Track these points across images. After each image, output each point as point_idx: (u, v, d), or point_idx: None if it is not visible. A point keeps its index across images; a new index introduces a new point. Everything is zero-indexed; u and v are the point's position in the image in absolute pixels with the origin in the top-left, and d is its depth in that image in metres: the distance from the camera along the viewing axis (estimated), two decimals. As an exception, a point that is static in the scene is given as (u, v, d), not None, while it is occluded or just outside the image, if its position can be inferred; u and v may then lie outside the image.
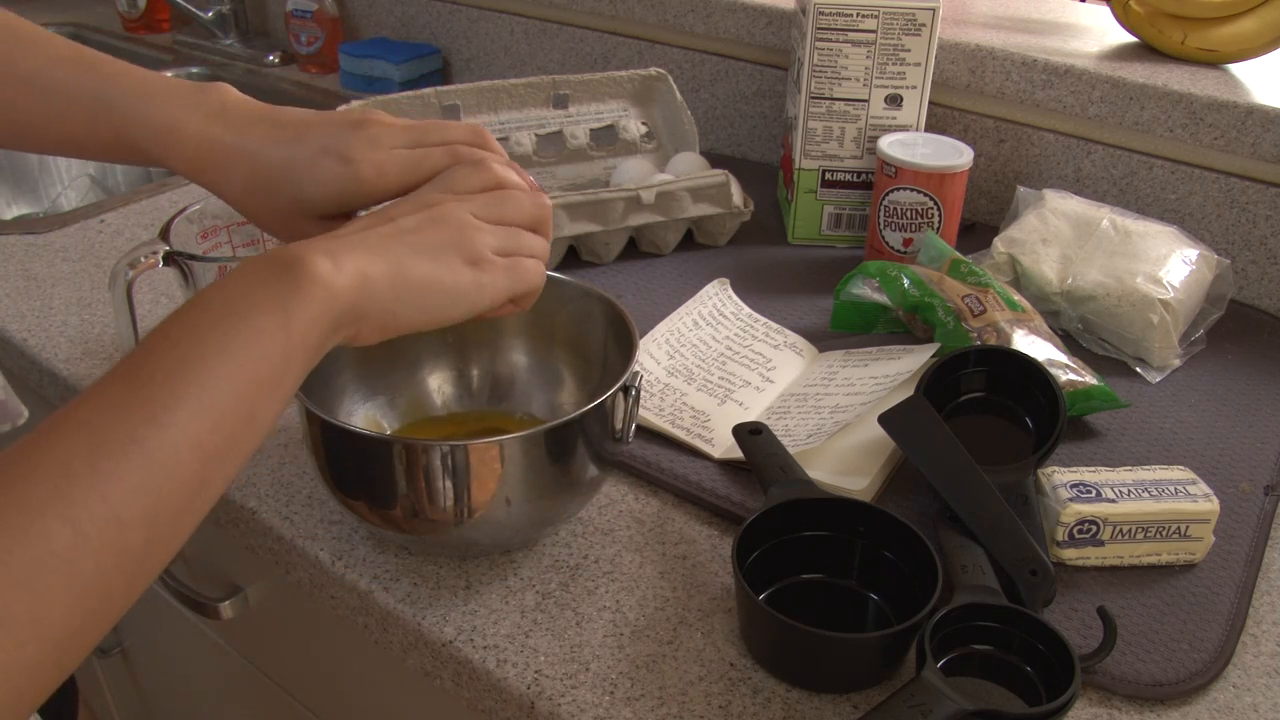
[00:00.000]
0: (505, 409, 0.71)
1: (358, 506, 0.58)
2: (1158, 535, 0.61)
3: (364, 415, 0.68)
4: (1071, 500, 0.60)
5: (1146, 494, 0.61)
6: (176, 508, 0.39)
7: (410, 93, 0.96)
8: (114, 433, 0.37)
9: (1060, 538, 0.60)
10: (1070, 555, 0.61)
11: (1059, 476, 0.63)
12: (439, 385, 0.72)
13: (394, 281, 0.48)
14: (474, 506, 0.56)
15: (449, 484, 0.55)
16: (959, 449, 0.62)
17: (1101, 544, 0.61)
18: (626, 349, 0.62)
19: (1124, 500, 0.60)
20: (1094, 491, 0.61)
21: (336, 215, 0.56)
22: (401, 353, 0.70)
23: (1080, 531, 0.60)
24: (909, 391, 0.67)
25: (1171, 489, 0.61)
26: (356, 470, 0.57)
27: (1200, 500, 0.61)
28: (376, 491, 0.57)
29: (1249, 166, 0.89)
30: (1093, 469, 0.63)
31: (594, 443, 0.59)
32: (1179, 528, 0.60)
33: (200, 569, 0.85)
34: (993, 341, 0.73)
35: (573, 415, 0.56)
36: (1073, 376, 0.72)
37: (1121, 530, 0.60)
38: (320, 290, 0.44)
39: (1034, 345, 0.73)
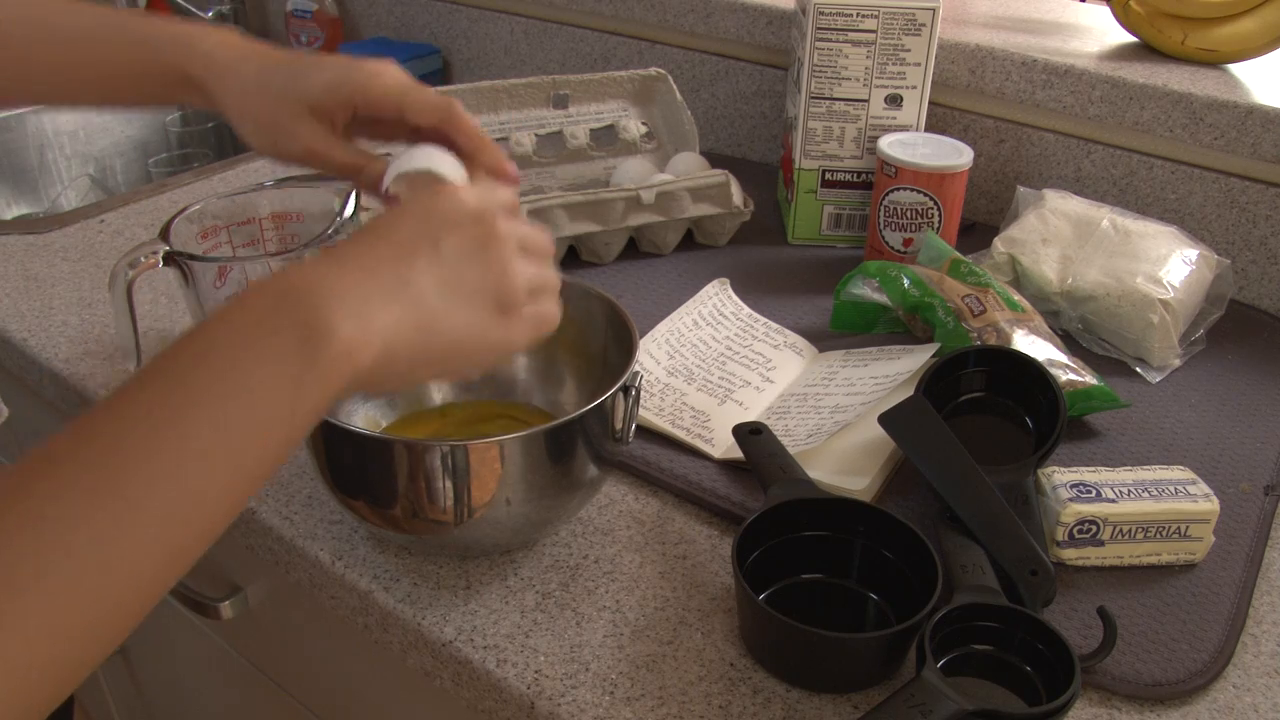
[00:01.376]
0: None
1: (358, 506, 0.58)
2: (1158, 535, 0.61)
3: (364, 415, 0.68)
4: (1071, 500, 0.60)
5: (1146, 494, 0.61)
6: (126, 610, 0.36)
7: (410, 93, 0.96)
8: (68, 535, 0.34)
9: (1060, 538, 0.60)
10: (1070, 555, 0.61)
11: (1059, 476, 0.63)
12: (439, 384, 0.72)
13: (421, 346, 0.45)
14: (474, 506, 0.56)
15: (449, 484, 0.55)
16: (959, 449, 0.62)
17: (1101, 544, 0.61)
18: (626, 349, 0.62)
19: (1124, 500, 0.60)
20: (1094, 491, 0.61)
21: (334, 112, 0.58)
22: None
23: (1080, 531, 0.60)
24: (909, 391, 0.67)
25: (1171, 489, 0.61)
26: (356, 470, 0.57)
27: (1200, 500, 0.61)
28: (376, 491, 0.57)
29: (1249, 166, 0.89)
30: (1093, 469, 0.63)
31: (594, 443, 0.59)
32: (1179, 528, 0.60)
33: (200, 569, 0.85)
34: (993, 341, 0.73)
35: (573, 415, 0.56)
36: (1073, 376, 0.72)
37: (1121, 530, 0.60)
38: (338, 375, 0.41)
39: (1034, 345, 0.73)
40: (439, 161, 0.57)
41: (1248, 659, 0.57)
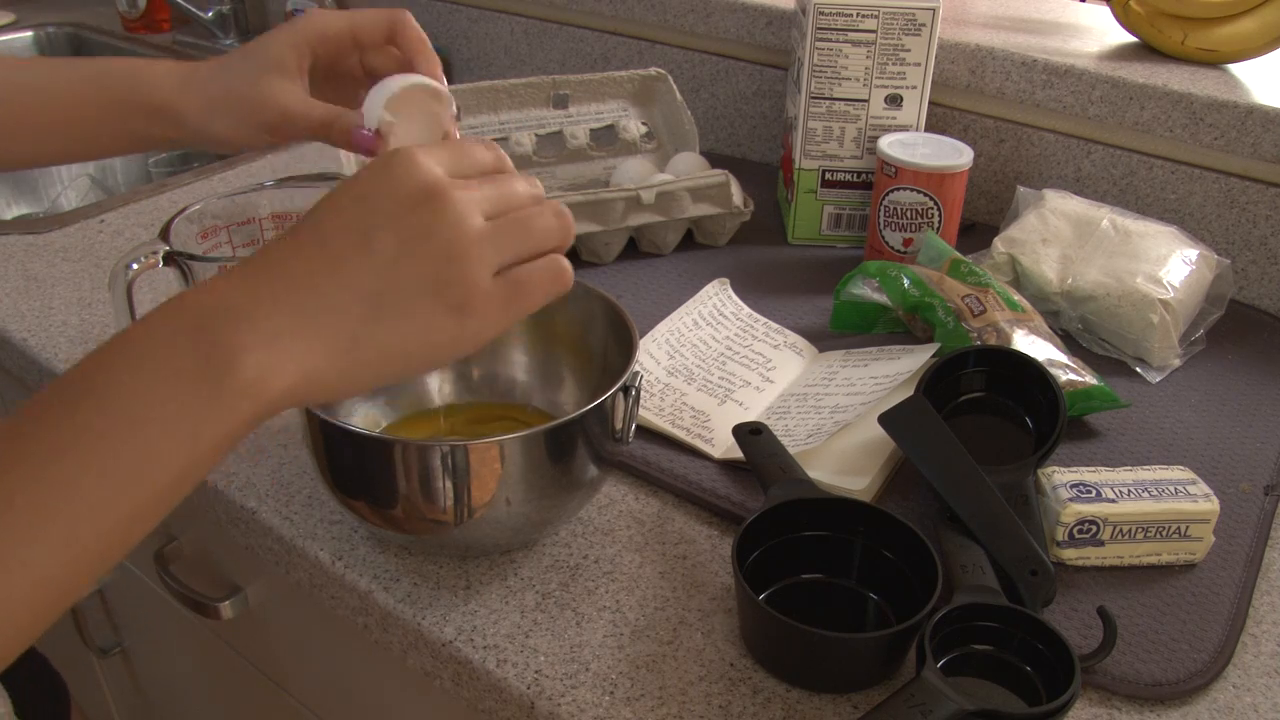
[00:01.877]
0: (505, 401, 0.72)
1: (358, 506, 0.58)
2: (1158, 535, 0.61)
3: (364, 415, 0.68)
4: (1071, 500, 0.60)
5: (1146, 494, 0.61)
6: (10, 636, 0.35)
7: (410, 93, 0.96)
8: None
9: (1060, 538, 0.60)
10: (1070, 555, 0.61)
11: (1059, 476, 0.63)
12: (439, 384, 0.72)
13: (350, 365, 0.40)
14: (474, 506, 0.56)
15: (449, 484, 0.55)
16: (959, 449, 0.62)
17: (1101, 544, 0.61)
18: (626, 349, 0.62)
19: (1124, 500, 0.60)
20: (1094, 491, 0.61)
21: (299, 62, 0.60)
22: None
23: (1080, 531, 0.60)
24: (909, 391, 0.67)
25: (1171, 489, 0.61)
26: (356, 470, 0.57)
27: (1200, 500, 0.61)
28: (376, 491, 0.57)
29: (1249, 166, 0.89)
30: (1093, 469, 0.63)
31: (594, 443, 0.59)
32: (1179, 528, 0.60)
33: (200, 569, 0.85)
34: (993, 341, 0.73)
35: (573, 415, 0.56)
36: (1073, 376, 0.72)
37: (1121, 530, 0.60)
38: (247, 405, 0.38)
39: (1034, 345, 0.73)
40: (413, 76, 0.57)
41: (1248, 659, 0.57)
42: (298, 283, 0.40)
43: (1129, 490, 0.61)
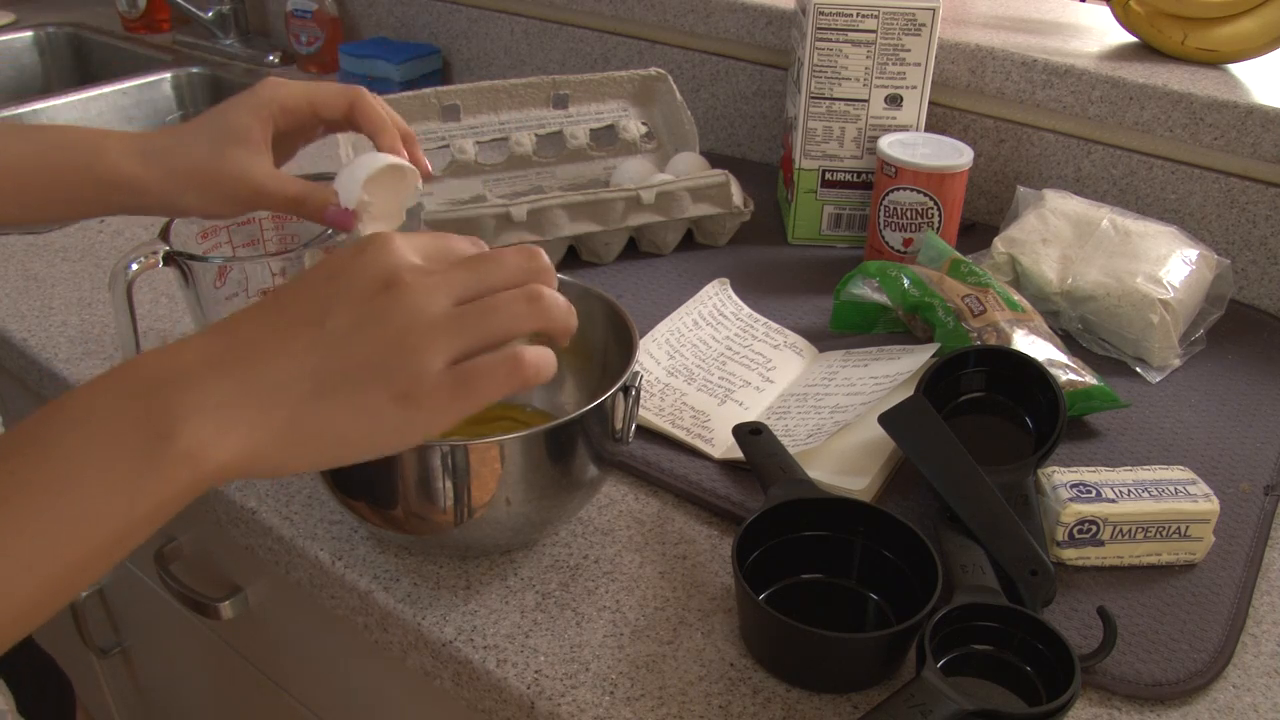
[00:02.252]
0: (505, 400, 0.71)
1: (358, 506, 0.58)
2: (1158, 535, 0.61)
3: (364, 415, 0.68)
4: (1071, 500, 0.60)
5: (1146, 494, 0.61)
6: None
7: (410, 93, 0.96)
8: None
9: (1060, 538, 0.60)
10: (1070, 555, 0.61)
11: (1059, 476, 0.63)
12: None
13: (291, 444, 0.39)
14: (474, 506, 0.56)
15: (449, 484, 0.55)
16: (959, 449, 0.62)
17: (1101, 544, 0.61)
18: (626, 349, 0.62)
19: (1124, 500, 0.60)
20: (1094, 491, 0.61)
21: (264, 133, 0.60)
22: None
23: (1080, 531, 0.60)
24: (909, 391, 0.67)
25: (1171, 489, 0.61)
26: (356, 470, 0.57)
27: (1200, 500, 0.61)
28: (376, 491, 0.57)
29: (1249, 166, 0.89)
30: (1093, 469, 0.63)
31: (594, 443, 0.59)
32: (1179, 528, 0.60)
33: (200, 569, 0.85)
34: (993, 341, 0.73)
35: (573, 415, 0.56)
36: (1073, 376, 0.72)
37: (1121, 530, 0.60)
38: (184, 474, 0.37)
39: (1034, 345, 0.73)
40: (385, 158, 0.59)
41: (1248, 659, 0.57)
42: (246, 354, 0.39)
43: (1129, 490, 0.61)
